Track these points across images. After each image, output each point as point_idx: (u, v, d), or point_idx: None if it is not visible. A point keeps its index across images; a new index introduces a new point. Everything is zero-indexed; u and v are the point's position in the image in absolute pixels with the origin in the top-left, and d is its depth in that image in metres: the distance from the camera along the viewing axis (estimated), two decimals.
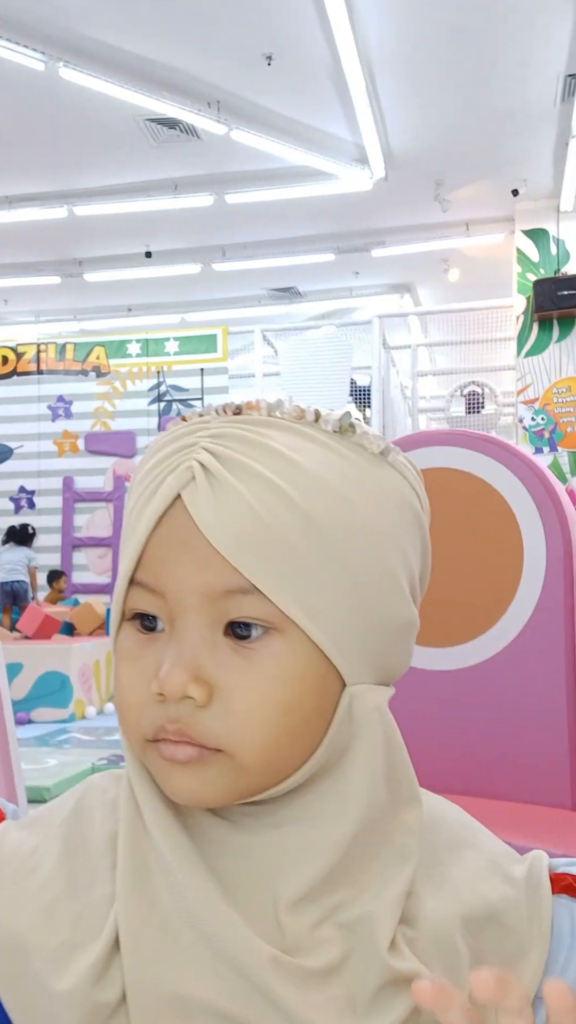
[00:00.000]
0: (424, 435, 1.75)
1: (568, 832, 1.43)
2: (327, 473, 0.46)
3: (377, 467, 0.49)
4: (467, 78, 6.45)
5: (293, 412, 0.48)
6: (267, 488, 0.44)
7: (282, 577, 0.44)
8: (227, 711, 0.45)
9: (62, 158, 7.64)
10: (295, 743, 0.46)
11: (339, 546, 0.46)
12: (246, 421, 0.47)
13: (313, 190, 7.99)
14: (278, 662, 0.45)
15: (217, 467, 0.45)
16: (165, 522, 0.46)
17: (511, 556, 1.59)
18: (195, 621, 0.45)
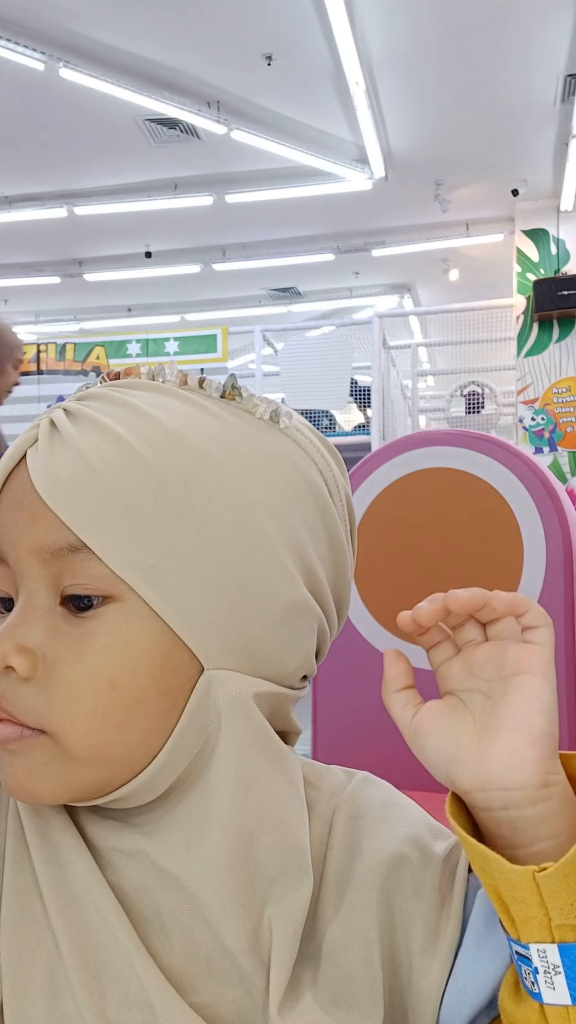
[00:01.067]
0: (424, 435, 1.75)
1: None
2: (188, 430, 0.42)
3: (263, 433, 0.45)
4: (467, 78, 6.44)
5: (176, 379, 0.46)
6: (108, 439, 0.40)
7: (116, 534, 0.39)
8: (49, 685, 0.40)
9: (62, 158, 7.63)
10: (127, 726, 0.40)
11: (191, 506, 0.41)
12: (120, 384, 0.45)
13: (313, 190, 7.99)
14: (110, 631, 0.40)
15: (65, 424, 0.41)
16: (8, 482, 0.42)
17: (511, 556, 1.59)
18: (31, 587, 0.41)
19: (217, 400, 0.45)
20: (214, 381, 0.46)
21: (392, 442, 1.77)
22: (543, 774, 0.40)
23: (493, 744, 0.40)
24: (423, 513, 1.69)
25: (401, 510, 1.71)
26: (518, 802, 0.39)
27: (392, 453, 1.75)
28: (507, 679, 0.41)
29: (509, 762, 0.39)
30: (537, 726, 0.40)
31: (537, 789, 0.39)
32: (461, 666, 0.43)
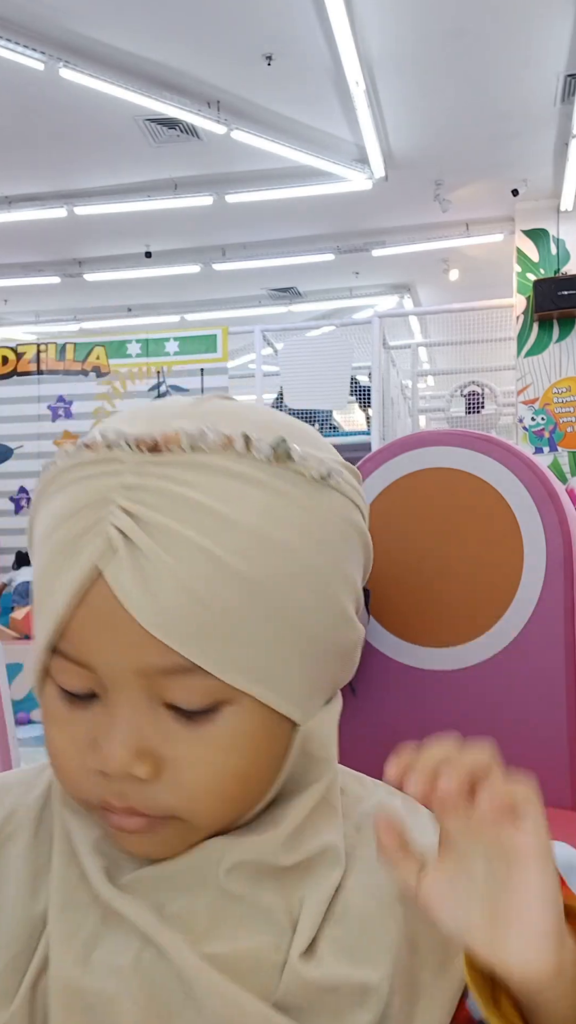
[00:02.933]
0: (424, 435, 1.75)
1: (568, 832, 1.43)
2: (264, 523, 0.41)
3: (318, 494, 0.44)
4: (467, 78, 6.44)
5: (219, 441, 0.42)
6: (198, 556, 0.40)
7: (225, 651, 0.40)
8: (177, 784, 0.42)
9: (62, 158, 7.63)
10: (250, 798, 0.45)
11: (284, 601, 0.42)
12: (164, 463, 0.41)
13: (313, 190, 7.99)
14: (229, 731, 0.42)
15: (140, 536, 0.40)
16: (86, 596, 0.41)
17: (511, 556, 1.59)
18: (131, 696, 0.42)
19: (265, 464, 0.42)
20: (262, 445, 0.42)
21: (392, 442, 1.77)
22: (556, 964, 0.40)
23: (505, 938, 0.40)
24: (423, 513, 1.69)
25: (401, 510, 1.71)
26: (533, 986, 0.40)
27: (392, 453, 1.75)
28: (508, 861, 0.41)
29: (521, 957, 0.39)
30: (544, 922, 0.40)
31: (552, 978, 0.40)
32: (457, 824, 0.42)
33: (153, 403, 0.48)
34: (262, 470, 0.42)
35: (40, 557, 0.44)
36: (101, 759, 0.42)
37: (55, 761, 0.45)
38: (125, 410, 0.48)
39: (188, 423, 0.43)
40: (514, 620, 1.58)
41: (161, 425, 0.43)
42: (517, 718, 1.56)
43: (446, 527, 1.66)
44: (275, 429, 0.44)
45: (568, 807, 1.53)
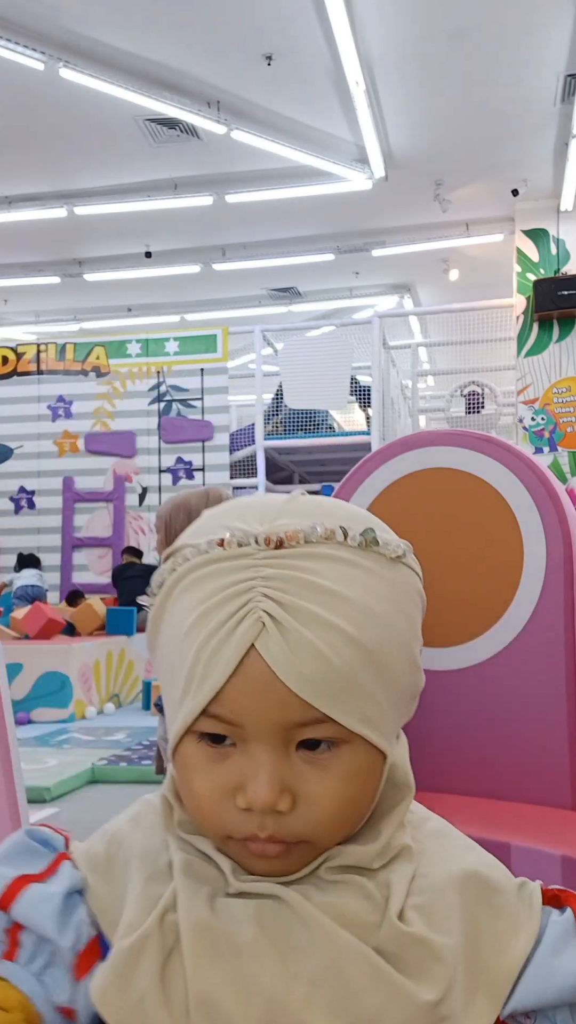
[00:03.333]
0: (424, 435, 1.75)
1: (568, 832, 1.43)
2: (367, 597, 0.53)
3: (396, 570, 0.56)
4: (467, 78, 6.45)
5: (324, 534, 0.54)
6: (330, 631, 0.51)
7: (350, 705, 0.52)
8: (308, 813, 0.53)
9: (62, 158, 7.64)
10: (358, 820, 0.56)
11: (384, 659, 0.53)
12: (289, 556, 0.52)
13: (313, 190, 7.99)
14: (346, 766, 0.53)
15: (284, 616, 0.50)
16: (241, 668, 0.51)
17: (511, 556, 1.59)
18: (271, 743, 0.52)
19: (360, 550, 0.54)
20: (355, 534, 0.54)
21: (392, 442, 1.77)
22: None
23: None
24: (423, 513, 1.69)
25: (401, 510, 1.71)
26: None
27: (392, 453, 1.75)
28: None
29: None
30: None
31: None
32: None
33: (254, 502, 0.58)
34: (357, 555, 0.54)
35: (189, 637, 0.53)
36: (249, 798, 0.52)
37: (197, 804, 0.55)
38: (229, 508, 0.58)
39: (295, 520, 0.54)
40: (514, 620, 1.58)
41: (272, 523, 0.54)
42: (517, 718, 1.56)
43: (446, 527, 1.66)
44: (359, 520, 0.57)
45: (568, 807, 1.53)
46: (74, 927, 0.57)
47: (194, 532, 0.57)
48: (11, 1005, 0.54)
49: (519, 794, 1.52)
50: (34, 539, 9.33)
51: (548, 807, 1.52)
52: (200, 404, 9.19)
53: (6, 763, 1.45)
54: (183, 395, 9.24)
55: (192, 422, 9.19)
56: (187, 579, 0.54)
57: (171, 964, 0.53)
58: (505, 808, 1.50)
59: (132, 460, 9.30)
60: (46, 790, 3.70)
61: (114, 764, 4.21)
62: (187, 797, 0.56)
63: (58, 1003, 0.56)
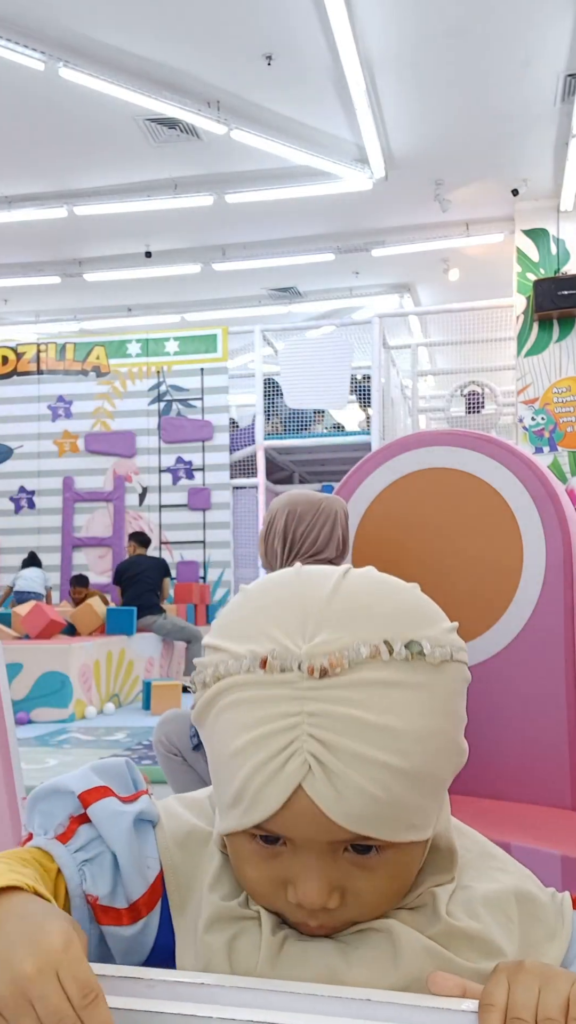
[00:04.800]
0: (424, 435, 1.75)
1: (568, 832, 1.42)
2: (413, 722, 0.53)
3: (442, 673, 0.56)
4: (467, 78, 6.45)
5: (369, 653, 0.53)
6: (377, 769, 0.52)
7: (397, 825, 0.54)
8: (357, 905, 0.57)
9: (62, 158, 7.64)
10: (403, 897, 0.59)
11: (432, 771, 0.55)
12: (333, 687, 0.53)
13: (313, 190, 7.99)
14: (392, 865, 0.56)
15: (329, 759, 0.52)
16: (288, 802, 0.53)
17: (511, 556, 1.59)
18: (320, 851, 0.55)
19: (406, 664, 0.54)
20: (399, 648, 0.54)
21: (392, 442, 1.77)
22: None
23: None
24: (423, 513, 1.69)
25: (401, 510, 1.71)
26: None
27: (392, 453, 1.75)
28: None
29: None
30: None
31: None
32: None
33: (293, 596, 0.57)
34: (402, 670, 0.54)
35: (236, 760, 0.54)
36: (300, 896, 0.55)
37: (251, 887, 0.59)
38: (268, 600, 0.58)
39: (337, 636, 0.54)
40: (514, 620, 1.58)
41: (313, 640, 0.54)
42: (517, 718, 1.56)
43: (446, 527, 1.66)
44: (405, 622, 0.56)
45: (568, 807, 1.53)
46: (139, 852, 0.63)
47: (233, 629, 0.58)
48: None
49: (519, 794, 1.52)
50: (34, 539, 9.33)
51: (548, 807, 1.52)
52: (200, 404, 9.19)
53: (6, 763, 1.45)
54: (183, 395, 9.24)
55: (192, 422, 9.19)
56: (230, 695, 0.55)
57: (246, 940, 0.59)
58: (505, 808, 1.50)
59: (132, 460, 9.30)
60: None
61: None
62: (240, 879, 0.60)
63: (89, 892, 0.61)
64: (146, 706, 6.13)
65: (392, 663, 0.53)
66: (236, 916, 0.60)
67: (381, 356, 8.58)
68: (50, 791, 0.65)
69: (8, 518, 9.47)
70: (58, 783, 0.65)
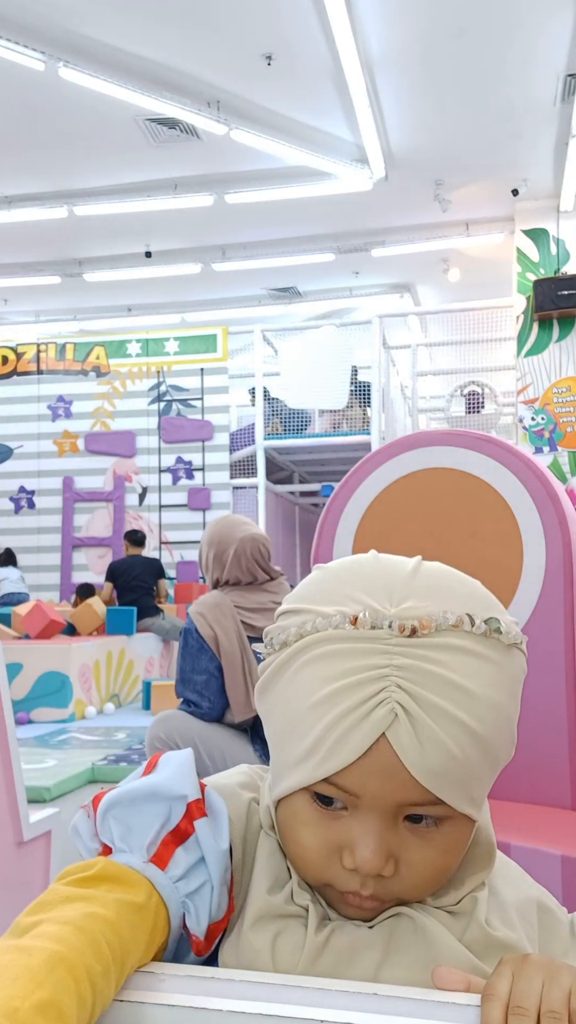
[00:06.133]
0: (424, 435, 1.75)
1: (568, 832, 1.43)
2: (489, 690, 0.56)
3: (511, 655, 0.58)
4: (467, 78, 6.45)
5: (453, 622, 0.56)
6: (456, 726, 0.54)
7: (463, 791, 0.56)
8: (408, 877, 0.57)
9: (62, 158, 7.64)
10: (447, 881, 0.60)
11: (496, 746, 0.57)
12: (420, 645, 0.55)
13: (313, 190, 7.99)
14: (447, 839, 0.58)
15: (415, 709, 0.54)
16: (369, 751, 0.54)
17: (511, 556, 1.59)
18: (382, 813, 0.56)
19: (485, 639, 0.57)
20: (479, 623, 0.57)
21: (392, 442, 1.77)
22: None
23: None
24: (423, 513, 1.69)
25: (401, 510, 1.71)
26: None
27: (392, 453, 1.75)
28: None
29: None
30: None
31: None
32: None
33: (377, 571, 0.59)
34: (480, 643, 0.56)
35: (318, 710, 0.55)
36: (357, 861, 0.56)
37: (302, 854, 0.59)
38: (350, 573, 0.60)
39: (424, 604, 0.56)
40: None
41: (401, 605, 0.56)
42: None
43: (446, 527, 1.66)
44: (481, 604, 0.59)
45: (568, 807, 1.53)
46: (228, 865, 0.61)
47: (317, 595, 0.59)
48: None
49: (519, 794, 1.53)
50: (34, 539, 9.33)
51: (548, 807, 1.52)
52: (200, 404, 9.20)
53: (6, 763, 1.46)
54: (183, 395, 9.24)
55: (192, 422, 9.19)
56: (316, 649, 0.56)
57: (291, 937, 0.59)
58: (505, 808, 1.50)
59: (132, 460, 9.30)
60: (46, 790, 3.70)
61: (114, 764, 4.21)
62: (291, 844, 0.60)
63: (193, 932, 0.59)
64: (146, 706, 6.13)
65: (472, 635, 0.56)
66: (282, 914, 0.60)
67: (381, 356, 8.58)
68: (146, 794, 0.59)
69: (8, 518, 9.47)
70: (157, 786, 0.60)
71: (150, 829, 0.59)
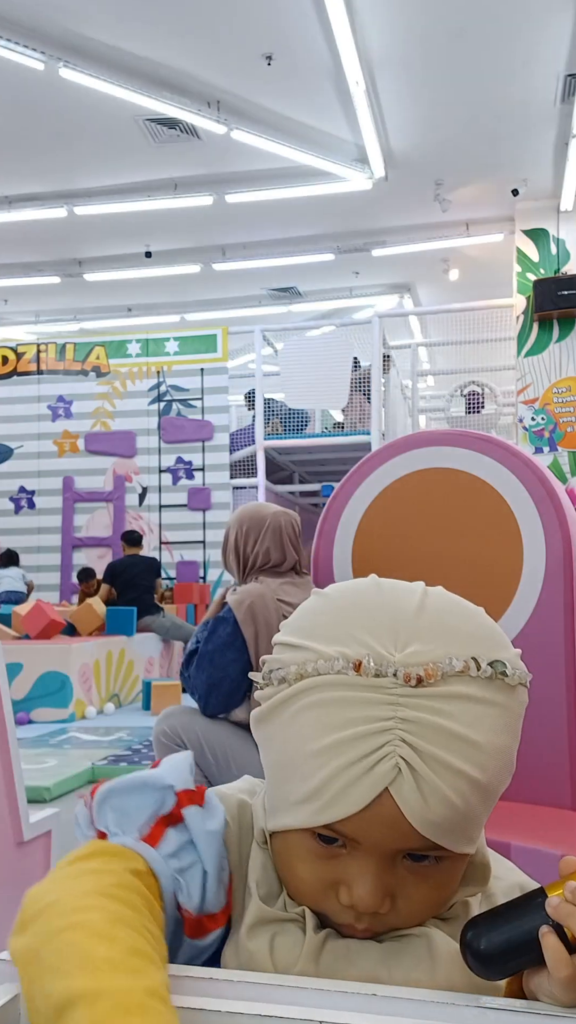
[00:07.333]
0: (424, 435, 1.75)
1: (568, 832, 1.43)
2: (493, 737, 0.55)
3: (515, 695, 0.58)
4: (467, 78, 6.45)
5: (460, 668, 0.55)
6: (460, 779, 0.53)
7: (464, 835, 0.56)
8: (404, 912, 0.58)
9: (62, 158, 7.64)
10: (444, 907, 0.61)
11: (498, 788, 0.57)
12: (426, 696, 0.54)
13: (313, 190, 7.99)
14: (444, 875, 0.58)
15: (420, 764, 0.53)
16: (370, 805, 0.54)
17: (511, 556, 1.59)
18: (382, 856, 0.56)
19: (490, 683, 0.56)
20: (485, 666, 0.56)
21: (392, 442, 1.77)
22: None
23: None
24: (423, 513, 1.69)
25: (401, 510, 1.71)
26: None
27: (392, 453, 1.75)
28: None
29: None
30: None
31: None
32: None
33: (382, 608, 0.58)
34: (485, 688, 0.56)
35: (319, 758, 0.55)
36: (355, 899, 0.56)
37: (299, 886, 0.59)
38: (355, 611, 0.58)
39: (429, 647, 0.56)
40: (514, 619, 1.58)
41: (406, 649, 0.55)
42: None
43: (446, 527, 1.66)
44: (486, 642, 0.58)
45: (568, 807, 1.53)
46: (223, 860, 0.61)
47: (317, 630, 0.58)
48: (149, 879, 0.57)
49: (519, 794, 1.52)
50: (34, 539, 9.33)
51: (548, 807, 1.52)
52: (200, 404, 9.20)
53: (6, 763, 1.46)
54: (183, 395, 9.24)
55: (192, 422, 9.19)
56: (317, 694, 0.55)
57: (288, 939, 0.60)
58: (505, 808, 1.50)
59: (132, 460, 9.30)
60: (46, 790, 3.70)
61: (114, 764, 4.21)
62: (286, 875, 0.60)
63: (184, 906, 0.59)
64: (146, 706, 6.13)
65: (477, 680, 0.56)
66: (278, 918, 0.60)
67: (381, 356, 8.58)
68: (138, 784, 0.61)
69: (8, 518, 9.47)
70: (148, 777, 0.62)
71: (143, 814, 0.60)
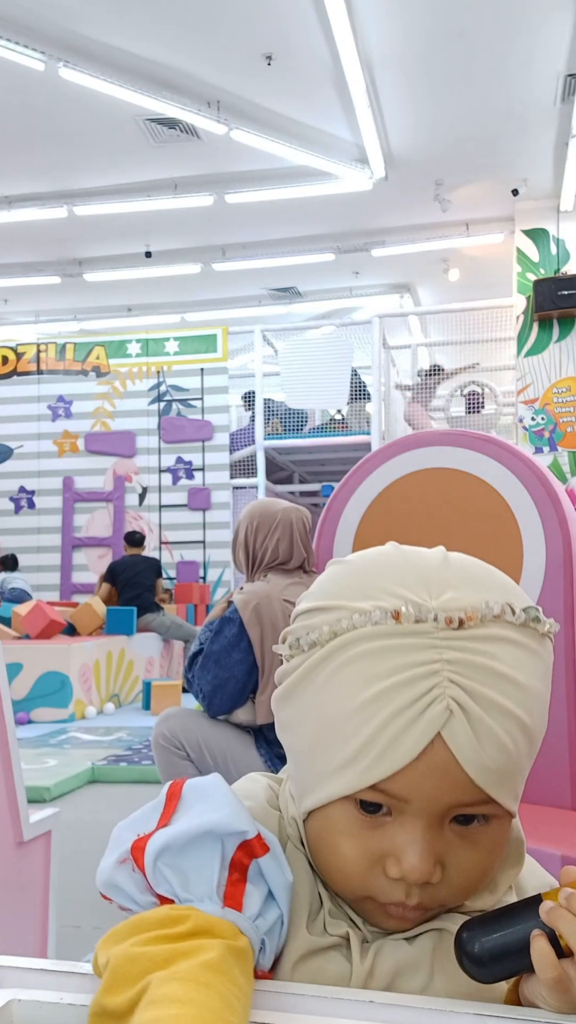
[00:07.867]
0: (424, 435, 1.75)
1: (568, 832, 1.43)
2: (535, 681, 0.54)
3: (545, 646, 0.57)
4: (467, 78, 6.45)
5: (496, 613, 0.54)
6: (510, 720, 0.52)
7: (513, 787, 0.54)
8: (455, 882, 0.55)
9: (62, 158, 7.63)
10: (490, 881, 0.59)
11: (539, 737, 0.56)
12: (468, 638, 0.53)
13: (313, 190, 7.99)
14: (492, 839, 0.56)
15: (471, 705, 0.51)
16: (423, 753, 0.52)
17: (511, 556, 1.59)
18: (431, 818, 0.54)
19: (525, 629, 0.55)
20: (519, 612, 0.55)
21: (392, 442, 1.77)
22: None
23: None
24: (423, 513, 1.69)
25: (401, 510, 1.71)
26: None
27: (392, 453, 1.75)
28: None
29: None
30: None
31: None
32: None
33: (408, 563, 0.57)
34: (520, 633, 0.55)
35: (365, 712, 0.52)
36: (404, 869, 0.53)
37: (342, 866, 0.56)
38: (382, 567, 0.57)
39: (464, 594, 0.54)
40: None
41: (441, 597, 0.54)
42: None
43: (446, 527, 1.66)
44: (515, 592, 0.57)
45: (568, 807, 1.53)
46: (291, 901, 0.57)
47: (345, 590, 0.56)
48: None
49: None
50: (34, 539, 9.33)
51: (548, 807, 1.52)
52: (200, 404, 9.20)
53: (6, 763, 1.45)
54: (183, 395, 9.24)
55: (192, 422, 9.19)
56: (356, 648, 0.53)
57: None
58: None
59: (132, 460, 9.30)
60: (46, 790, 3.70)
61: (114, 764, 4.21)
62: (329, 857, 0.57)
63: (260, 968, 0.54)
64: (146, 706, 6.13)
65: (513, 625, 0.54)
66: (321, 947, 0.57)
67: (381, 356, 8.58)
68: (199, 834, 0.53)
69: (8, 518, 9.47)
70: (212, 824, 0.54)
71: (210, 871, 0.53)
